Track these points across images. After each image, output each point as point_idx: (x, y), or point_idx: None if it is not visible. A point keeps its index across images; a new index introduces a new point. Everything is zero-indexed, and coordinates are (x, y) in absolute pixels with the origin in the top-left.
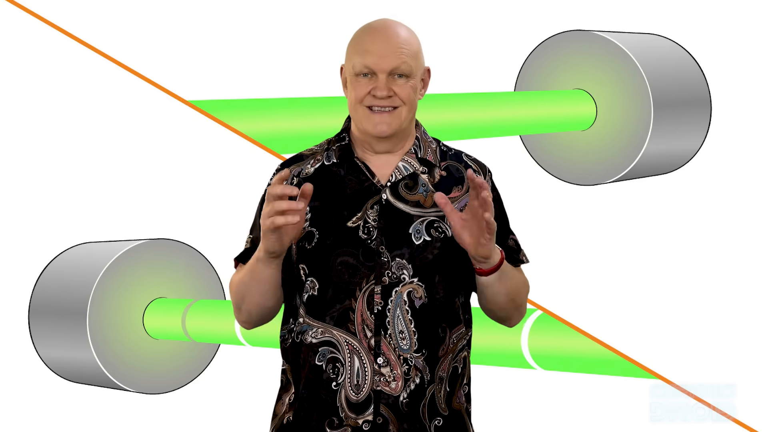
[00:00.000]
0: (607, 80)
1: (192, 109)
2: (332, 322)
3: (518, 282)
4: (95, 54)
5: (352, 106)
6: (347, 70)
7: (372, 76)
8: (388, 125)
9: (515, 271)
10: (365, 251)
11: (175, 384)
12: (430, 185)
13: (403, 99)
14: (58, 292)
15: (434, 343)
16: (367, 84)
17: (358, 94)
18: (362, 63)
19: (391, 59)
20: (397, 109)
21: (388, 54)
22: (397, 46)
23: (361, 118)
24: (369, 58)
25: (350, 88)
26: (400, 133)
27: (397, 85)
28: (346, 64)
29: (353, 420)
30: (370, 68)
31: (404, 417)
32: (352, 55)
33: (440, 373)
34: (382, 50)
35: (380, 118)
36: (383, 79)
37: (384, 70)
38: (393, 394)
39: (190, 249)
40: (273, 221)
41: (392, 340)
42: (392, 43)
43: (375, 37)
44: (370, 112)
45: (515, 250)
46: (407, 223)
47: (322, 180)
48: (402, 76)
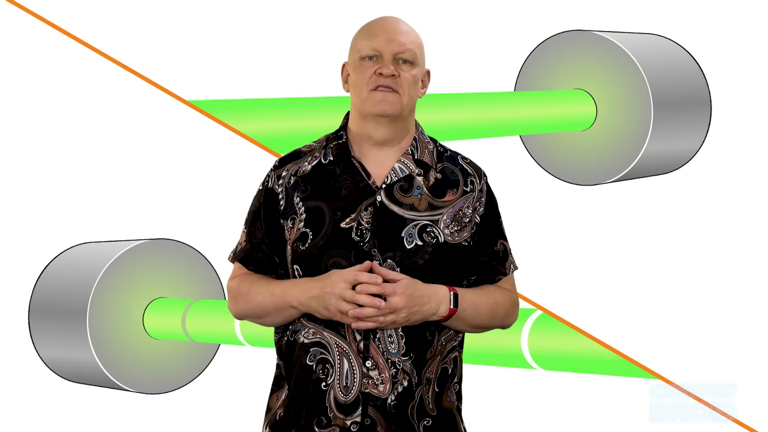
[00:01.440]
0: (607, 80)
1: (192, 109)
2: (323, 323)
3: (482, 314)
4: (95, 54)
5: (357, 90)
6: (352, 60)
7: (377, 59)
8: (391, 104)
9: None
10: (357, 253)
11: (175, 384)
12: (425, 188)
13: (405, 84)
14: (58, 292)
15: (422, 347)
16: (373, 66)
17: (364, 76)
18: (369, 46)
19: (398, 43)
20: (399, 94)
21: (394, 38)
22: (404, 32)
23: (364, 99)
24: (375, 40)
25: (355, 73)
26: (399, 120)
27: (401, 69)
28: (350, 56)
29: (341, 420)
30: (376, 50)
31: (392, 419)
32: (358, 42)
33: (428, 375)
34: (389, 34)
35: (383, 95)
36: (389, 59)
37: (390, 52)
38: (381, 397)
39: (190, 249)
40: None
41: (381, 343)
42: (399, 29)
43: (382, 24)
44: (374, 92)
45: (500, 258)
46: (400, 226)
47: (319, 179)
48: (406, 62)
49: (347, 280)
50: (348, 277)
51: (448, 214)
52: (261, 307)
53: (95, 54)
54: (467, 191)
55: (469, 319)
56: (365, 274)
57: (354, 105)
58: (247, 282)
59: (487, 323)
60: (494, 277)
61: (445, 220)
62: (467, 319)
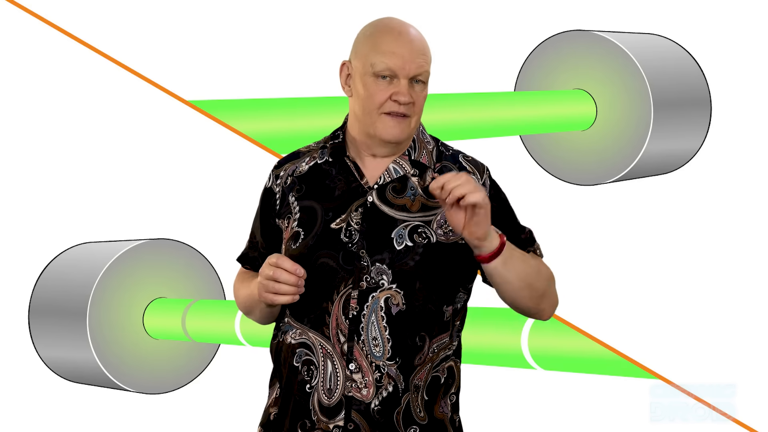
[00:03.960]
0: (607, 80)
1: (192, 109)
2: (309, 324)
3: (531, 267)
4: (95, 54)
5: (365, 109)
6: (360, 69)
7: (392, 80)
8: (401, 131)
9: (527, 256)
10: (345, 254)
11: (175, 384)
12: (419, 189)
13: (418, 108)
14: (58, 292)
15: (410, 352)
16: (387, 88)
17: (377, 99)
18: (385, 64)
19: (416, 65)
20: (408, 117)
21: (413, 59)
22: (421, 51)
23: (375, 123)
24: (393, 60)
25: (364, 89)
26: (406, 140)
27: (415, 92)
28: (356, 62)
29: (325, 424)
30: (393, 71)
31: (377, 424)
32: (370, 54)
33: (416, 382)
34: (407, 54)
35: (395, 123)
36: (405, 84)
37: (407, 75)
38: (364, 401)
39: (190, 249)
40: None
41: (365, 346)
42: (417, 47)
43: (399, 40)
44: (386, 116)
45: (528, 242)
46: (390, 227)
47: (314, 179)
48: (419, 82)
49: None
50: (271, 260)
51: (442, 215)
52: (244, 302)
53: (95, 54)
54: None
55: (517, 263)
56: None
57: (357, 117)
58: (239, 280)
59: (531, 282)
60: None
61: (438, 220)
62: (516, 263)
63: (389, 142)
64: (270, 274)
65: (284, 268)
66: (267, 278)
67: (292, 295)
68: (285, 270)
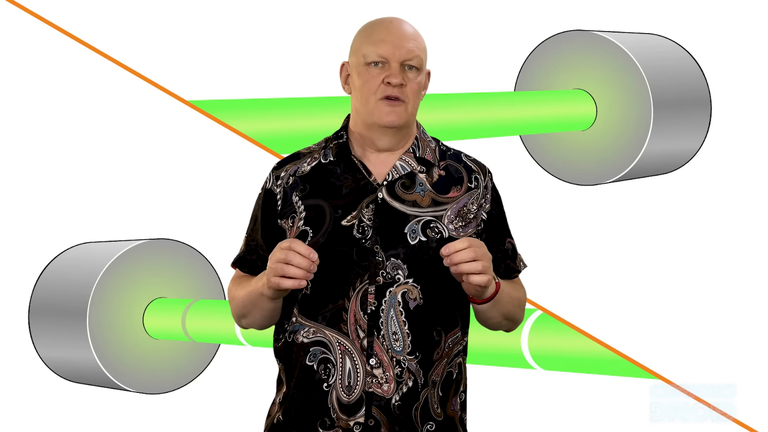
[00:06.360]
0: (607, 80)
1: (192, 109)
2: (324, 321)
3: (514, 303)
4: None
5: (363, 98)
6: (355, 63)
7: (384, 66)
8: (398, 116)
9: (511, 287)
10: (359, 250)
11: (175, 384)
12: (427, 184)
13: (411, 93)
14: (58, 292)
15: (429, 346)
16: (380, 73)
17: (371, 85)
18: (376, 52)
19: (406, 49)
20: (404, 102)
21: (402, 44)
22: (411, 37)
23: (372, 109)
24: (383, 47)
25: (359, 79)
26: (404, 128)
27: (408, 78)
28: (352, 57)
29: (344, 422)
30: (384, 57)
31: (396, 420)
32: (363, 46)
33: (433, 377)
34: (396, 40)
35: (391, 107)
36: (396, 67)
37: (398, 59)
38: (385, 396)
39: (190, 249)
40: (279, 283)
41: (385, 341)
42: (406, 34)
43: (388, 28)
44: (382, 102)
45: (510, 255)
46: (403, 222)
47: (318, 178)
48: (412, 69)
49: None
50: (283, 244)
51: (452, 210)
52: (241, 303)
53: (95, 54)
54: (471, 188)
55: (504, 303)
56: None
57: (357, 111)
58: (236, 284)
59: (510, 317)
60: (510, 275)
61: (449, 215)
62: (503, 303)
63: (388, 128)
64: (282, 257)
65: (298, 251)
66: (278, 261)
67: (300, 280)
68: (298, 253)
